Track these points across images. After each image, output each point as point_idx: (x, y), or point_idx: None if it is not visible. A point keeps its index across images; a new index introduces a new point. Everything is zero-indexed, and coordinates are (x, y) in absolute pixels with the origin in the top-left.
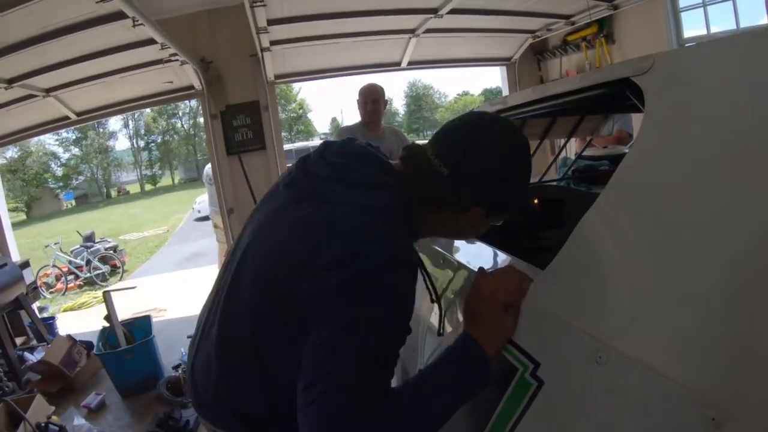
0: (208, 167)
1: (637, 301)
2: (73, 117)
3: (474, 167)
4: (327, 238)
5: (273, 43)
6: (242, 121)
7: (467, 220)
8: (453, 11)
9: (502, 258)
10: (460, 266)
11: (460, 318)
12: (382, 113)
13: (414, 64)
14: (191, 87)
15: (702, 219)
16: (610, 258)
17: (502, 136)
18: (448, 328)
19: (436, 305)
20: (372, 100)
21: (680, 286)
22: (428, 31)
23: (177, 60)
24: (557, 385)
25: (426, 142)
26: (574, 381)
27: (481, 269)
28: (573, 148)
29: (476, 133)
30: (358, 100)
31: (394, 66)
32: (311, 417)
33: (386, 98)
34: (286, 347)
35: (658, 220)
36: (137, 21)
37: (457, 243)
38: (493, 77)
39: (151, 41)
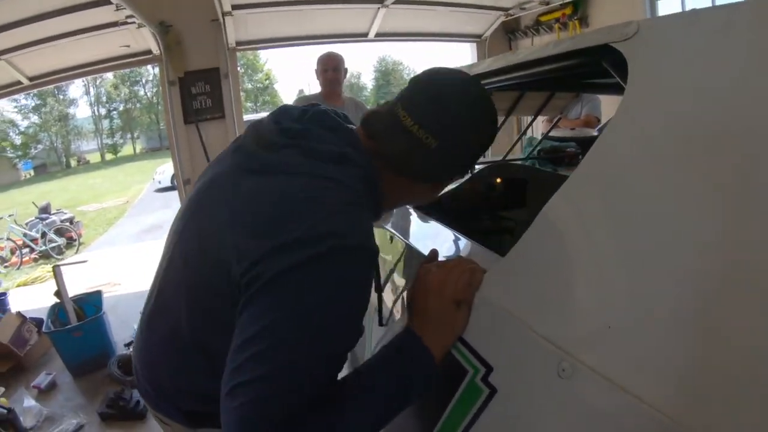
0: None
1: (613, 306)
2: (26, 82)
3: (464, 138)
4: (278, 217)
5: (235, 7)
6: (201, 89)
7: (440, 187)
8: None
9: (457, 239)
10: (410, 249)
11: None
12: (342, 82)
13: (381, 36)
14: (149, 51)
15: (694, 213)
16: (583, 252)
17: (482, 101)
18: (396, 316)
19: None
20: (332, 67)
21: (664, 292)
22: (398, 2)
23: (134, 22)
24: (512, 395)
25: (387, 102)
26: (532, 394)
27: (433, 253)
28: (539, 128)
29: (456, 96)
30: (316, 70)
31: (360, 37)
32: (234, 422)
33: (346, 67)
34: (218, 336)
35: (641, 210)
36: None
37: (410, 222)
38: (464, 55)
39: (105, 1)
